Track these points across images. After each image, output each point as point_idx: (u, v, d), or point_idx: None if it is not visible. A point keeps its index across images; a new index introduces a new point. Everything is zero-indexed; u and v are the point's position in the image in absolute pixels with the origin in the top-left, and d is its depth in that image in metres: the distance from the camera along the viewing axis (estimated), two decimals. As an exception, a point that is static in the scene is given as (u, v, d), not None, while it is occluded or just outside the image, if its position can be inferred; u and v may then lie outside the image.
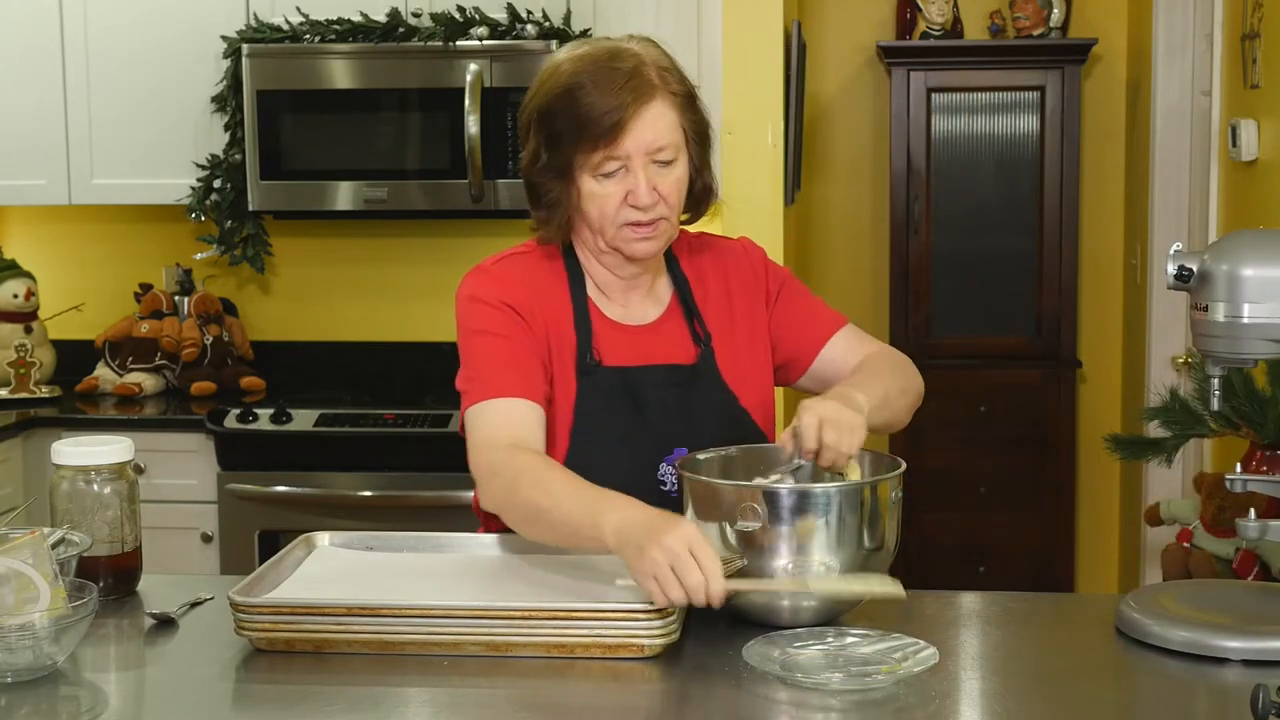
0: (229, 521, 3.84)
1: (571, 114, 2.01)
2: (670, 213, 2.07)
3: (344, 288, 4.45)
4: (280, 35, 4.02)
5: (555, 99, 2.04)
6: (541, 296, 2.12)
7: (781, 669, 1.69)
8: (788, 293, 2.25)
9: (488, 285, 2.11)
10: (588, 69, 2.02)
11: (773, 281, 2.24)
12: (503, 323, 2.07)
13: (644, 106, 2.01)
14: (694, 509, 1.86)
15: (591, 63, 2.03)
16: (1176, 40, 4.47)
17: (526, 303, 2.09)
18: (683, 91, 2.07)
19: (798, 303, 2.24)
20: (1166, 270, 1.82)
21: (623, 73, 2.01)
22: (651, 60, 2.05)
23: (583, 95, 2.00)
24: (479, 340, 2.07)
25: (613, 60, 2.03)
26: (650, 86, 2.02)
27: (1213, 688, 1.70)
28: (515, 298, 2.09)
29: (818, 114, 5.17)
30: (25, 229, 4.53)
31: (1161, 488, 4.42)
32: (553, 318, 2.11)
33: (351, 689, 1.70)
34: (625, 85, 2.00)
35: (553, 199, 2.08)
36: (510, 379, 2.03)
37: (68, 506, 2.01)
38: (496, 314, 2.07)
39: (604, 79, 2.01)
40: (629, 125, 2.00)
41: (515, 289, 2.10)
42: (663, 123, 2.03)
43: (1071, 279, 4.94)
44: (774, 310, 2.23)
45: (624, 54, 2.04)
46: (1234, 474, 1.92)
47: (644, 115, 2.01)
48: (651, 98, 2.02)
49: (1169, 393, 3.16)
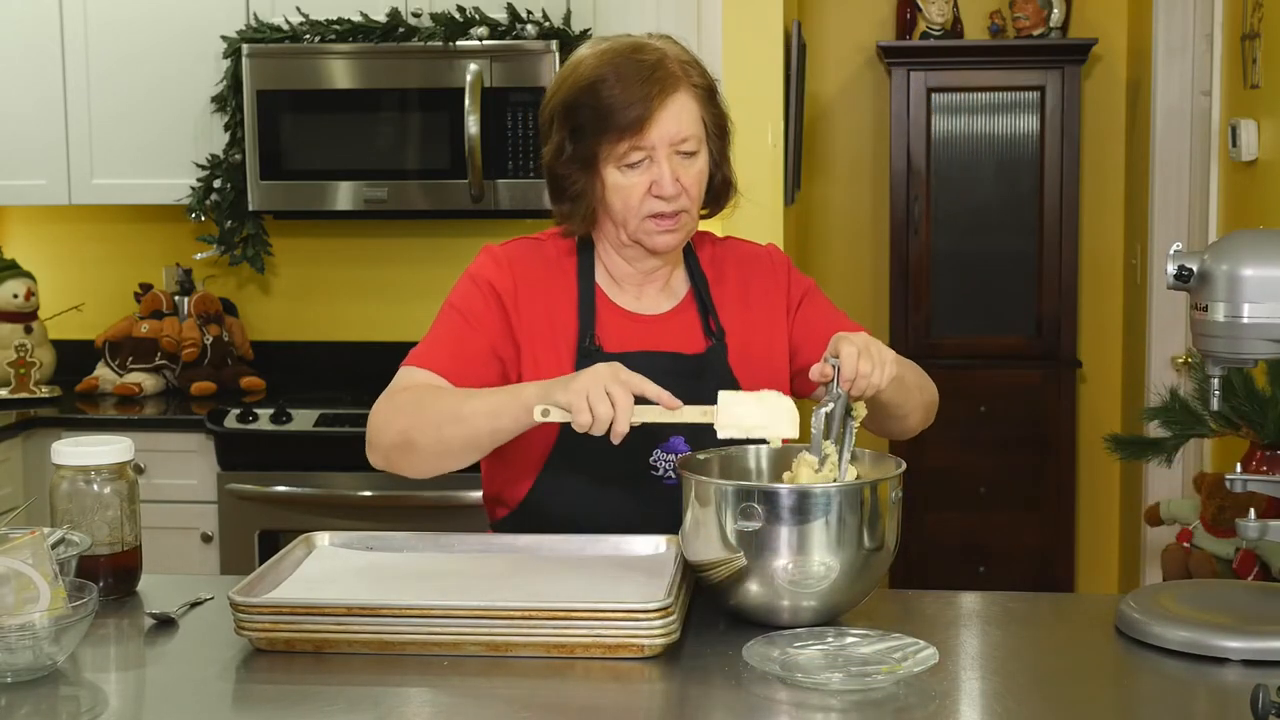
0: (229, 521, 3.84)
1: (596, 106, 2.04)
2: (692, 205, 2.10)
3: (344, 288, 4.45)
4: (280, 35, 4.02)
5: (580, 92, 2.06)
6: (542, 280, 2.15)
7: (781, 669, 1.69)
8: (810, 302, 2.26)
9: (485, 266, 2.16)
10: (612, 62, 2.06)
11: (795, 289, 2.26)
12: (476, 305, 2.12)
13: (669, 98, 2.04)
14: (694, 508, 1.86)
15: (615, 55, 2.06)
16: (1176, 40, 4.47)
17: (515, 287, 2.13)
18: (705, 85, 2.10)
19: (820, 312, 2.26)
20: (1166, 270, 1.82)
21: (647, 65, 2.04)
22: (673, 54, 2.09)
23: (607, 88, 2.04)
24: (448, 315, 2.15)
25: (636, 53, 2.06)
26: (674, 78, 2.05)
27: (1213, 688, 1.70)
28: (503, 281, 2.13)
29: (818, 114, 5.17)
30: (25, 229, 4.53)
31: (1161, 488, 4.42)
32: (552, 302, 2.14)
33: (351, 689, 1.70)
34: (650, 77, 2.03)
35: (577, 191, 2.11)
36: (449, 361, 2.09)
37: (68, 506, 2.01)
38: (475, 294, 2.13)
39: (628, 71, 2.04)
40: (654, 116, 2.03)
41: (510, 272, 2.14)
42: (686, 114, 2.06)
43: (1071, 279, 4.94)
44: (795, 318, 2.24)
45: (647, 48, 2.08)
46: (1234, 474, 1.92)
47: (669, 106, 2.04)
48: (676, 89, 2.05)
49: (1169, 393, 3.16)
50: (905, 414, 2.14)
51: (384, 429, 2.04)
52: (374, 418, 2.06)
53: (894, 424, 2.15)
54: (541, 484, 2.14)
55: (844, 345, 1.92)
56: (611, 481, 2.10)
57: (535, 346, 2.12)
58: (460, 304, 2.14)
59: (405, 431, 2.01)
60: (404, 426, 2.02)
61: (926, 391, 2.19)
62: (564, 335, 2.13)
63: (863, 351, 1.91)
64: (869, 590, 1.88)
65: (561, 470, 2.12)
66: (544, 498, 2.14)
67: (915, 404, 2.15)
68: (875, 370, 1.91)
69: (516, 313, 2.12)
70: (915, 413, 2.16)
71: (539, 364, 2.12)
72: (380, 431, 2.05)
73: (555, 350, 2.12)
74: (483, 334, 2.11)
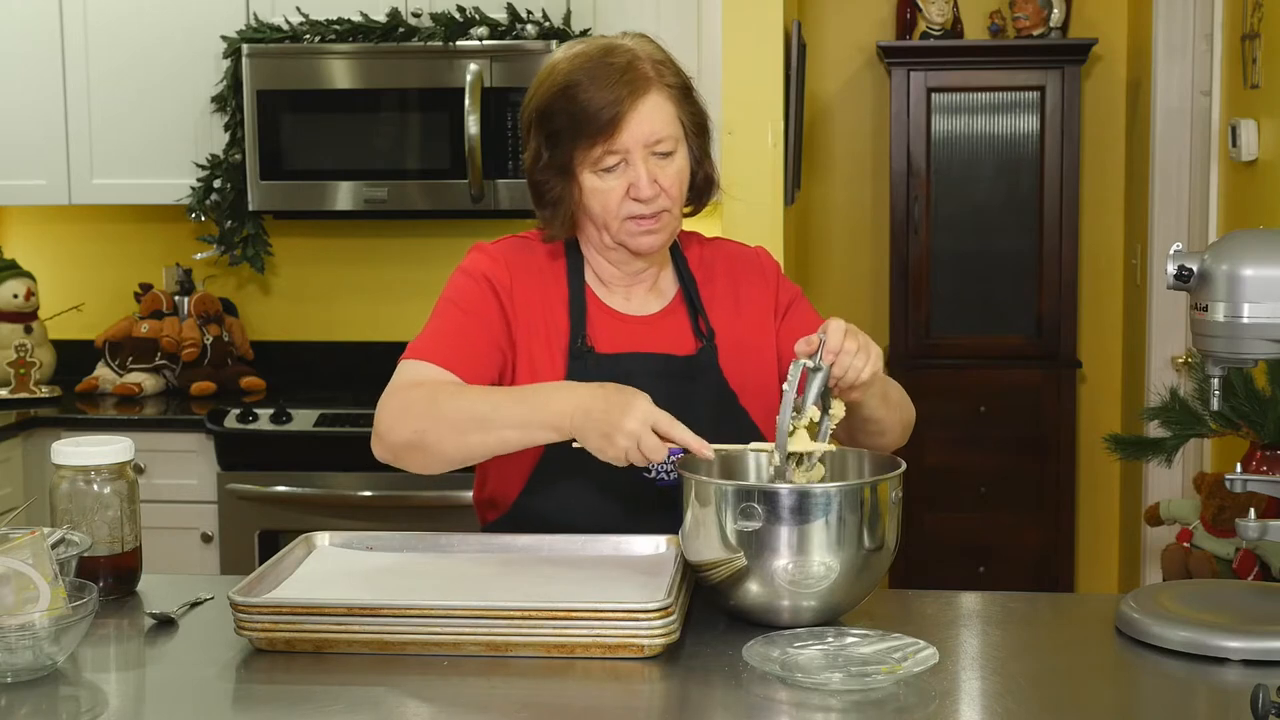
0: (229, 521, 3.84)
1: (569, 111, 2.03)
2: (672, 204, 2.08)
3: (344, 288, 4.45)
4: (280, 35, 4.02)
5: (553, 98, 2.06)
6: (534, 279, 2.14)
7: (781, 669, 1.69)
8: (797, 308, 2.26)
9: (480, 261, 2.15)
10: (583, 66, 2.05)
11: (784, 295, 2.25)
12: (475, 299, 2.11)
13: (640, 99, 2.03)
14: (694, 508, 1.86)
15: (586, 60, 2.05)
16: (1176, 40, 4.47)
17: (512, 283, 2.12)
18: (678, 83, 2.09)
19: (806, 322, 2.25)
20: (1166, 270, 1.82)
21: (617, 67, 2.03)
22: (646, 54, 2.07)
23: (579, 92, 2.02)
24: (445, 308, 2.13)
25: (607, 56, 2.05)
26: (645, 79, 2.04)
27: (1213, 688, 1.70)
28: (500, 276, 2.13)
29: (818, 114, 5.17)
30: (25, 229, 4.53)
31: (1161, 488, 4.42)
32: (544, 301, 2.14)
33: (351, 689, 1.70)
34: (620, 80, 2.02)
35: (555, 197, 2.10)
36: (454, 354, 2.06)
37: (68, 506, 2.01)
38: (474, 288, 2.12)
39: (599, 75, 2.03)
40: (626, 118, 2.02)
41: (505, 268, 2.13)
42: (660, 114, 2.05)
43: (1071, 279, 4.94)
44: (782, 325, 2.23)
45: (618, 49, 2.06)
46: (1234, 474, 1.92)
47: (640, 108, 2.03)
48: (647, 90, 2.04)
49: (1169, 393, 3.16)
50: (884, 430, 2.13)
51: (395, 427, 2.01)
52: (383, 413, 2.03)
53: (871, 440, 2.12)
54: (533, 487, 2.13)
55: (833, 321, 1.91)
56: (604, 484, 2.09)
57: (531, 344, 2.12)
58: (458, 298, 2.13)
59: (421, 433, 1.98)
60: (420, 427, 1.98)
61: (906, 411, 2.18)
62: (556, 335, 2.13)
63: (850, 331, 1.90)
64: (869, 590, 1.88)
65: (553, 473, 2.12)
66: (536, 501, 2.13)
67: (894, 421, 2.14)
68: (860, 353, 1.89)
69: (513, 308, 2.12)
70: (893, 430, 2.15)
71: (534, 363, 2.11)
72: (391, 429, 2.01)
73: (549, 349, 2.12)
74: (484, 327, 2.10)
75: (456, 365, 2.06)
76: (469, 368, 2.06)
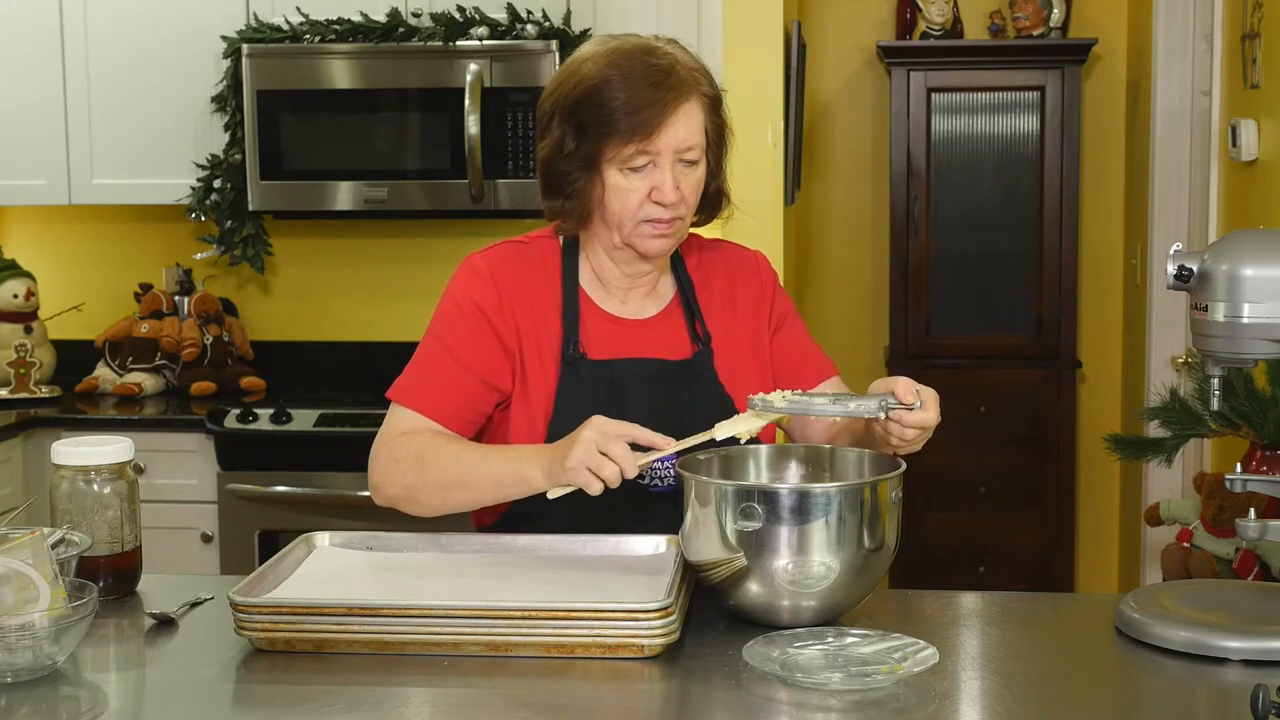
0: (229, 521, 3.84)
1: (607, 106, 2.02)
2: (688, 213, 2.10)
3: (344, 288, 4.45)
4: (280, 35, 4.02)
5: (588, 90, 2.04)
6: (526, 290, 2.14)
7: (781, 669, 1.69)
8: (790, 325, 2.26)
9: (471, 284, 2.14)
10: (621, 63, 2.04)
11: (779, 305, 2.26)
12: (464, 334, 2.12)
13: (680, 105, 2.04)
14: (694, 508, 1.86)
15: (625, 56, 2.05)
16: (1176, 40, 4.47)
17: (501, 302, 2.12)
18: (712, 94, 2.10)
19: (797, 338, 2.26)
20: (1166, 270, 1.82)
21: (660, 69, 2.04)
22: (684, 61, 2.08)
23: (619, 89, 2.02)
24: (433, 344, 2.15)
25: (648, 56, 2.05)
26: (686, 86, 2.05)
27: (1213, 688, 1.70)
28: (489, 301, 2.12)
29: (818, 114, 5.17)
30: (25, 229, 4.53)
31: (1161, 488, 4.42)
32: (536, 311, 2.13)
33: (351, 689, 1.70)
34: (664, 82, 2.03)
35: (575, 189, 2.09)
36: (439, 403, 2.11)
37: (68, 506, 2.01)
38: (462, 322, 2.12)
39: (639, 74, 2.03)
40: (666, 121, 2.02)
41: (494, 289, 2.13)
42: (694, 123, 2.06)
43: (1071, 279, 4.94)
44: (775, 337, 2.23)
45: (658, 51, 2.07)
46: (1234, 474, 1.92)
47: (679, 113, 2.03)
48: (688, 97, 2.05)
49: (1169, 393, 3.16)
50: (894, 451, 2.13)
51: (387, 482, 2.08)
52: (375, 468, 2.10)
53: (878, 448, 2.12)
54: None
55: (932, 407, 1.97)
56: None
57: (525, 352, 2.12)
58: (446, 334, 2.13)
59: (410, 490, 2.06)
60: (409, 484, 2.06)
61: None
62: (549, 343, 2.12)
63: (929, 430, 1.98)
64: (869, 590, 1.88)
65: None
66: (530, 505, 2.12)
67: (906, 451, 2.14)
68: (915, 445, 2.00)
69: (504, 326, 2.11)
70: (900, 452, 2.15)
71: (525, 374, 2.11)
72: (383, 485, 2.09)
73: (540, 359, 2.11)
74: (470, 368, 2.11)
75: (444, 415, 2.10)
76: (458, 416, 2.11)
